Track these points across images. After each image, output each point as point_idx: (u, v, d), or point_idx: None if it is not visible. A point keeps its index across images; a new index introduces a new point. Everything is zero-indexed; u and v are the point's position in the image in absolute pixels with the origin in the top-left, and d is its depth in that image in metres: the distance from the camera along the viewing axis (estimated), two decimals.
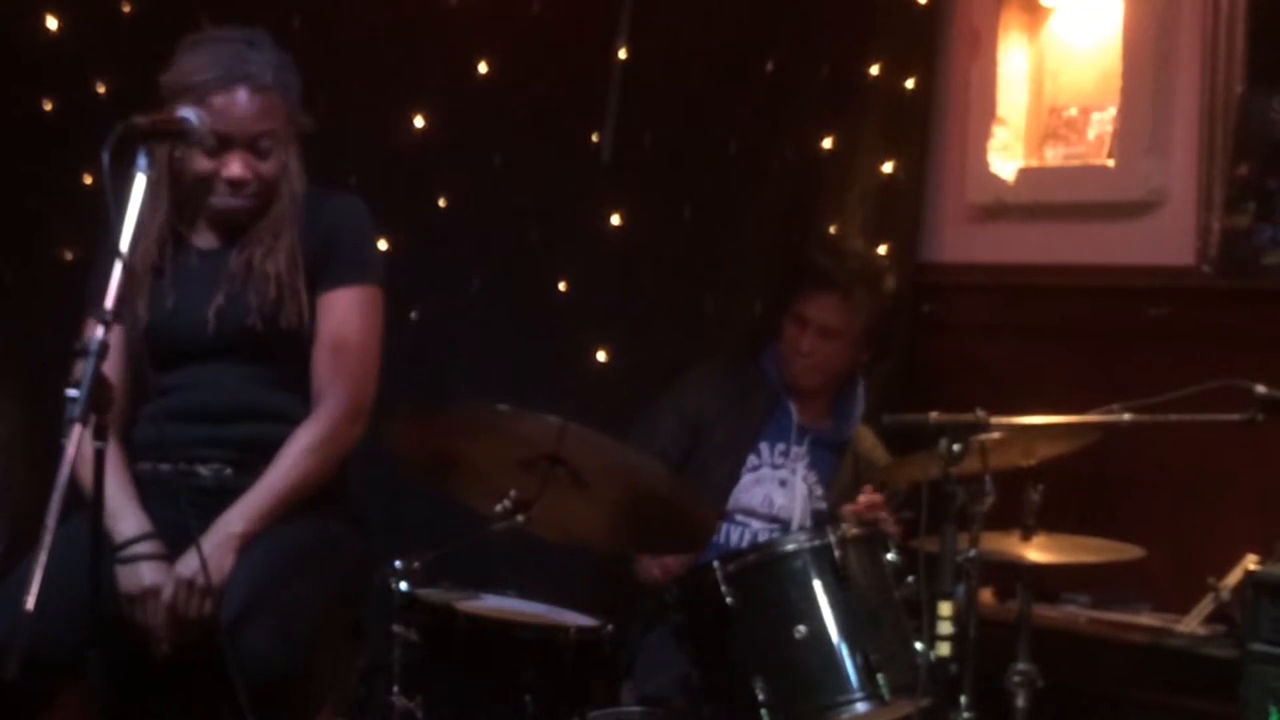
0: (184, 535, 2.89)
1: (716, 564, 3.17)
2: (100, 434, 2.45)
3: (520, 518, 3.07)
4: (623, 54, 4.61)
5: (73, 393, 2.37)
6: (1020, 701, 3.47)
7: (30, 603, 2.25)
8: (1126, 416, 3.12)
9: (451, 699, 3.07)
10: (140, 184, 2.55)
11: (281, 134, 3.12)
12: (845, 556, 3.15)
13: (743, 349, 4.23)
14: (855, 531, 3.23)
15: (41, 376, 3.20)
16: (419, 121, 4.64)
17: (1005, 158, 4.60)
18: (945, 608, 3.00)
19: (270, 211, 3.13)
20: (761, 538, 3.91)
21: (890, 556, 3.25)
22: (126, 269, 2.53)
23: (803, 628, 3.11)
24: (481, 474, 3.15)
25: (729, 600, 3.13)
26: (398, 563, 2.98)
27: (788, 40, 4.60)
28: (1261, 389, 3.06)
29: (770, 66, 4.60)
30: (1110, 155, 4.45)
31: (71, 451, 2.34)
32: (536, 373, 4.47)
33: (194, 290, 3.10)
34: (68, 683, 2.83)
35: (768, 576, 3.17)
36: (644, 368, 4.45)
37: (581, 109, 4.63)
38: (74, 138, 4.39)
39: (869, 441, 4.08)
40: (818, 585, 3.14)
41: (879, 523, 3.57)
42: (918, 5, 4.58)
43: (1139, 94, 4.34)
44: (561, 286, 4.64)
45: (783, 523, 3.94)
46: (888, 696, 3.07)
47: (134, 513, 2.98)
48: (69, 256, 4.46)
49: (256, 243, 3.11)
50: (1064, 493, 3.56)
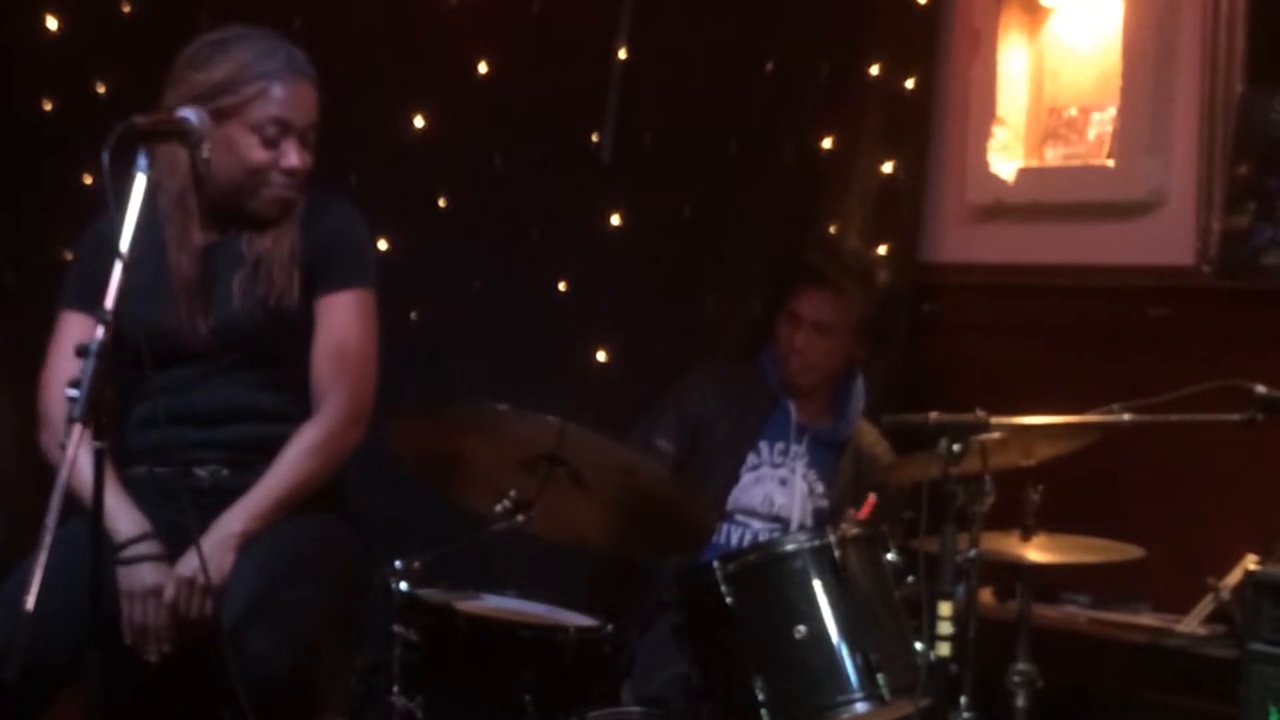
0: (182, 536, 2.88)
1: (716, 564, 3.17)
2: (100, 433, 2.44)
3: (520, 518, 3.07)
4: (623, 54, 4.61)
5: (73, 393, 2.37)
6: (1020, 701, 3.47)
7: (30, 603, 2.25)
8: (1126, 416, 3.12)
9: (451, 699, 3.07)
10: (140, 183, 2.55)
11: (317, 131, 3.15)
12: (845, 556, 3.15)
13: (742, 349, 4.24)
14: (855, 531, 3.24)
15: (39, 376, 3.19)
16: (419, 121, 4.64)
17: (1005, 158, 4.60)
18: (945, 608, 2.99)
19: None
20: (762, 538, 3.91)
21: (890, 556, 3.25)
22: (125, 269, 2.52)
23: (803, 628, 3.11)
24: (481, 474, 3.15)
25: (729, 600, 3.13)
26: (398, 563, 2.98)
27: (788, 40, 4.59)
28: (1261, 389, 3.06)
29: (770, 66, 4.60)
30: (1110, 155, 4.45)
31: (71, 451, 2.34)
32: (536, 373, 4.47)
33: (192, 288, 3.09)
34: (67, 685, 2.83)
35: (768, 576, 3.17)
36: (644, 368, 4.46)
37: (581, 109, 4.63)
38: (74, 138, 4.39)
39: (871, 437, 4.08)
40: (818, 585, 3.14)
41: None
42: (918, 5, 4.58)
43: (1139, 94, 4.34)
44: (561, 286, 4.64)
45: (783, 522, 3.94)
46: (888, 696, 3.07)
47: (132, 513, 2.98)
48: (69, 256, 4.44)
49: (261, 234, 3.11)
50: (1064, 493, 3.56)
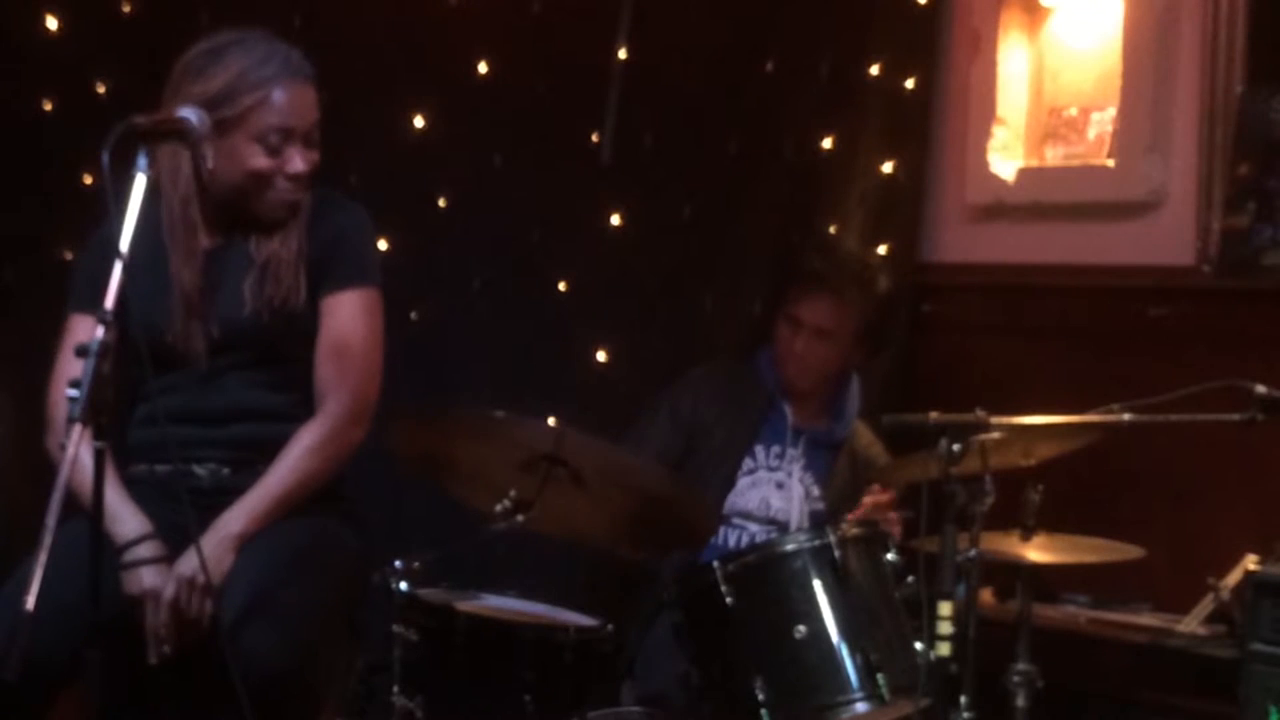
0: (183, 535, 2.88)
1: (716, 564, 3.17)
2: (100, 434, 2.44)
3: (520, 518, 3.07)
4: (623, 54, 4.61)
5: (73, 393, 2.37)
6: (1020, 701, 3.47)
7: (30, 603, 2.25)
8: (1126, 416, 3.12)
9: (451, 699, 3.07)
10: (140, 184, 2.54)
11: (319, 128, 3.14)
12: (845, 556, 3.15)
13: (741, 349, 4.23)
14: (855, 531, 3.23)
15: (42, 376, 3.19)
16: (419, 121, 4.64)
17: (1005, 158, 4.60)
18: (945, 608, 2.99)
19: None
20: (760, 540, 3.90)
21: (890, 556, 3.25)
22: (125, 269, 2.52)
23: (803, 628, 3.11)
24: (481, 474, 3.15)
25: (729, 600, 3.13)
26: (398, 563, 2.98)
27: (788, 40, 4.60)
28: (1261, 389, 3.06)
29: (770, 66, 4.60)
30: (1110, 155, 4.45)
31: (72, 451, 2.34)
32: (536, 373, 4.47)
33: (193, 301, 3.09)
34: (67, 685, 2.83)
35: (768, 576, 3.17)
36: (644, 368, 4.45)
37: (581, 109, 4.63)
38: (74, 138, 4.39)
39: (866, 438, 4.07)
40: (818, 585, 3.14)
41: (880, 522, 3.57)
42: (918, 5, 4.58)
43: (1139, 94, 4.34)
44: (561, 286, 4.64)
45: (780, 525, 3.93)
46: (888, 696, 3.07)
47: (133, 514, 2.97)
48: (69, 256, 4.45)
49: (268, 236, 3.11)
50: (1064, 493, 3.56)
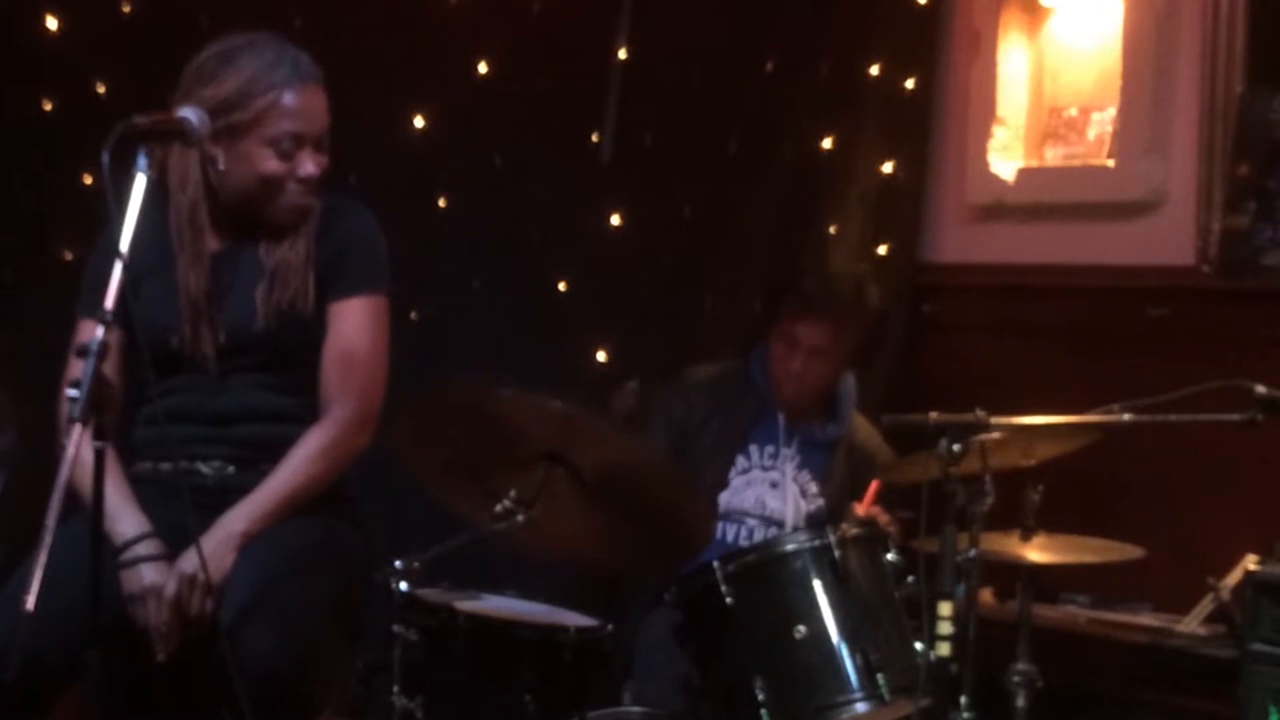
0: (185, 535, 2.88)
1: (716, 564, 3.17)
2: (100, 434, 2.44)
3: (520, 518, 3.07)
4: (623, 54, 4.61)
5: (73, 393, 2.37)
6: (1020, 701, 3.47)
7: (31, 603, 2.25)
8: (1126, 416, 3.12)
9: (451, 699, 3.07)
10: (140, 184, 2.54)
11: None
12: (845, 556, 3.15)
13: (729, 351, 4.23)
14: (855, 531, 3.23)
15: (41, 376, 3.19)
16: (419, 121, 4.64)
17: (1005, 158, 4.60)
18: (945, 608, 2.99)
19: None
20: (758, 534, 3.90)
21: (890, 556, 3.25)
22: (126, 269, 2.52)
23: (803, 628, 3.11)
24: (482, 473, 3.15)
25: (729, 600, 3.13)
26: (398, 563, 2.98)
27: (788, 40, 4.60)
28: (1261, 389, 3.06)
29: (770, 66, 4.60)
30: (1110, 155, 4.45)
31: (72, 451, 2.34)
32: (536, 373, 4.46)
33: (199, 307, 3.08)
34: (67, 685, 2.83)
35: (768, 576, 3.17)
36: (644, 368, 4.45)
37: (581, 109, 4.63)
38: (74, 138, 4.39)
39: (865, 431, 4.06)
40: (818, 585, 3.14)
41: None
42: (918, 5, 4.58)
43: (1139, 94, 4.34)
44: (561, 286, 4.64)
45: (776, 524, 3.93)
46: (888, 696, 3.07)
47: (133, 513, 2.97)
48: (69, 256, 4.45)
49: (278, 241, 3.11)
50: (1064, 493, 3.56)
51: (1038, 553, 3.44)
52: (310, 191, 3.10)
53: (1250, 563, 3.71)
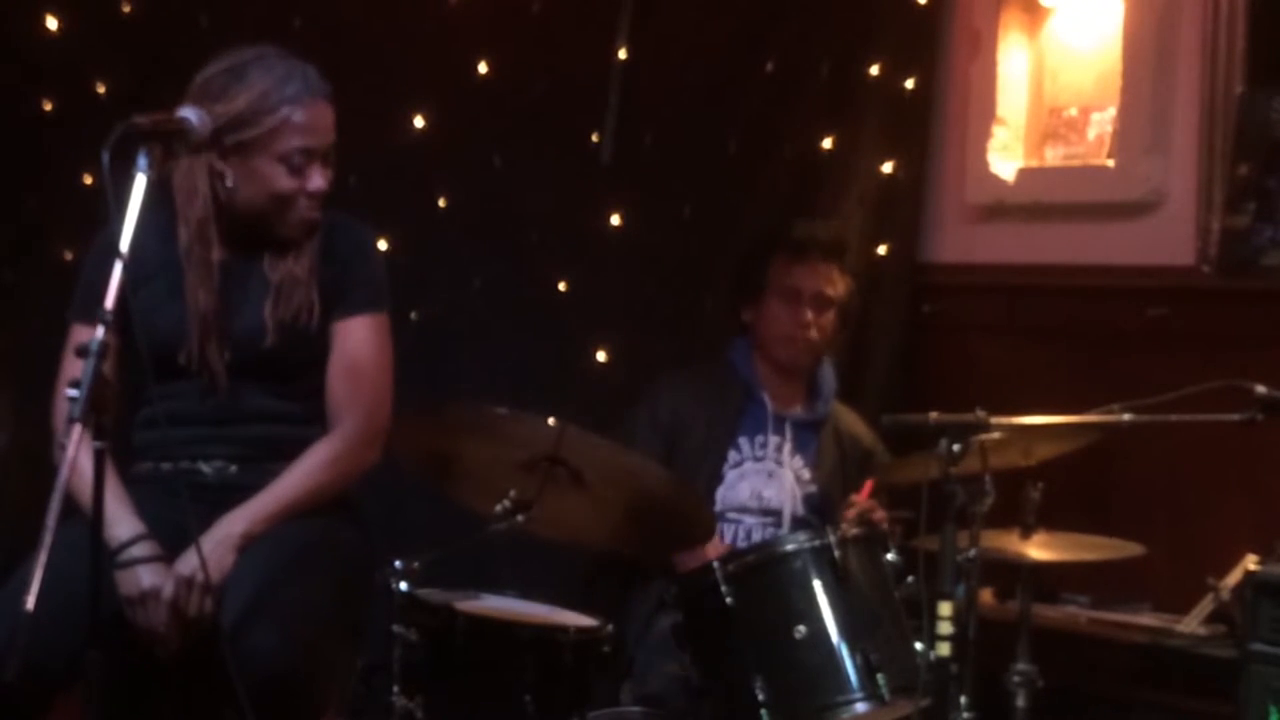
0: (185, 535, 2.88)
1: (716, 564, 3.17)
2: (100, 434, 2.44)
3: (520, 518, 3.07)
4: (623, 54, 4.61)
5: (72, 393, 2.37)
6: (1020, 701, 3.48)
7: (30, 603, 2.25)
8: (1126, 416, 3.12)
9: (451, 699, 3.07)
10: (140, 184, 2.54)
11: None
12: (845, 556, 3.15)
13: (705, 349, 4.22)
14: (855, 531, 3.24)
15: (41, 376, 3.19)
16: (419, 121, 4.64)
17: (1005, 158, 4.60)
18: (945, 608, 2.99)
19: None
20: (756, 533, 3.90)
21: (890, 556, 3.25)
22: (125, 270, 2.52)
23: (803, 628, 3.11)
24: (481, 474, 3.15)
25: (729, 600, 3.13)
26: (398, 563, 2.98)
27: (788, 40, 4.60)
28: (1261, 389, 3.06)
29: (770, 66, 4.60)
30: (1110, 155, 4.45)
31: (72, 451, 2.34)
32: (536, 373, 4.47)
33: (208, 321, 3.08)
34: (66, 686, 2.82)
35: (768, 576, 3.18)
36: (644, 368, 4.44)
37: (581, 109, 4.63)
38: (74, 138, 4.39)
39: (849, 418, 4.04)
40: (818, 585, 3.14)
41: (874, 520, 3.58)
42: (918, 5, 4.58)
43: (1139, 94, 4.34)
44: (561, 286, 4.64)
45: (775, 514, 3.92)
46: (888, 696, 3.07)
47: (127, 516, 2.96)
48: (69, 256, 4.45)
49: (282, 255, 3.10)
50: (1064, 493, 3.56)
51: (1038, 552, 3.44)
52: (318, 206, 3.11)
53: (1250, 563, 3.71)
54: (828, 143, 4.59)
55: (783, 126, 4.62)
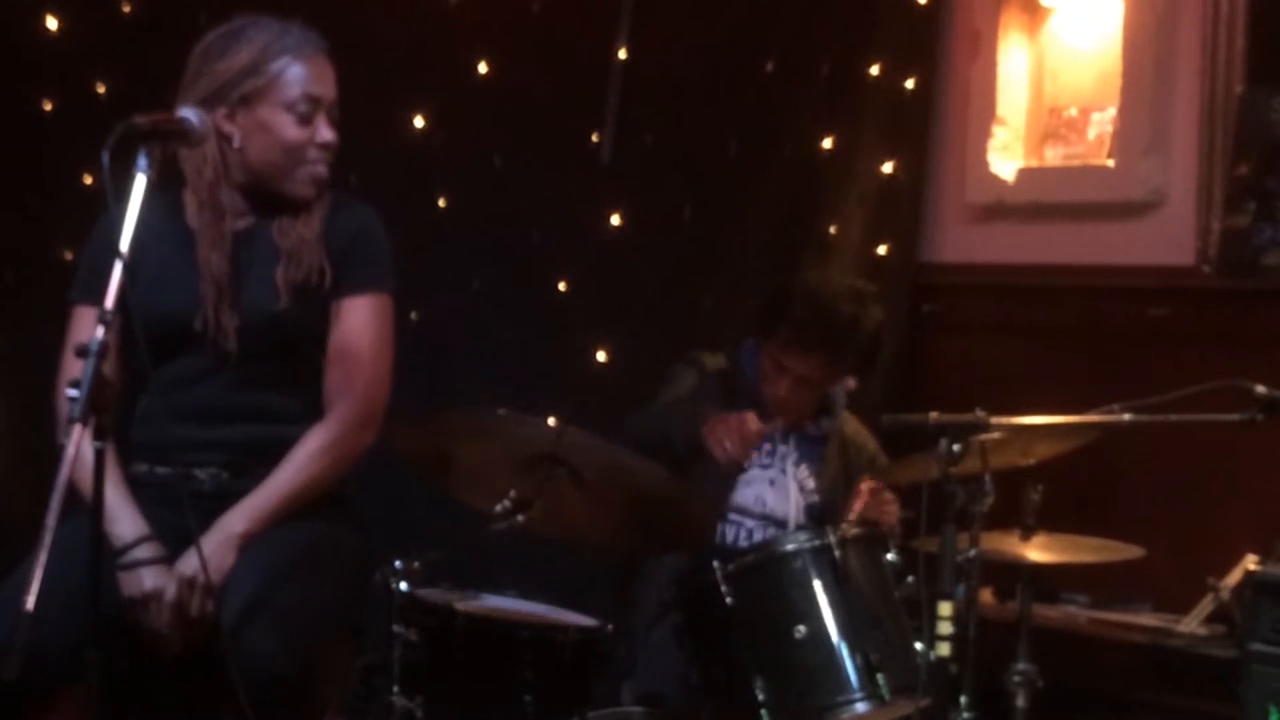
0: (184, 537, 2.88)
1: (716, 564, 3.17)
2: (100, 434, 2.44)
3: (520, 518, 3.07)
4: (623, 54, 4.61)
5: (73, 392, 2.37)
6: (1020, 701, 3.47)
7: (30, 603, 2.25)
8: (1126, 416, 3.12)
9: (451, 699, 3.07)
10: (140, 184, 2.54)
11: None
12: (845, 556, 3.15)
13: (705, 349, 4.20)
14: (855, 531, 3.23)
15: (41, 376, 3.19)
16: (419, 121, 4.65)
17: (1005, 158, 4.60)
18: (945, 608, 2.99)
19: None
20: (758, 534, 3.89)
21: (890, 556, 3.25)
22: (125, 269, 2.51)
23: (803, 628, 3.11)
24: (481, 474, 3.15)
25: (729, 600, 3.13)
26: (398, 563, 2.98)
27: (788, 40, 4.60)
28: (1261, 389, 3.06)
29: (770, 66, 4.60)
30: (1110, 155, 4.45)
31: (72, 451, 2.34)
32: (536, 373, 4.47)
33: (221, 285, 3.07)
34: (67, 684, 2.82)
35: (768, 576, 3.17)
36: (644, 368, 4.45)
37: (581, 109, 4.63)
38: (74, 138, 4.39)
39: (853, 426, 3.99)
40: (818, 585, 3.14)
41: (883, 511, 3.56)
42: (918, 5, 4.58)
43: (1139, 94, 4.34)
44: (561, 286, 4.64)
45: (776, 522, 3.91)
46: (888, 696, 3.07)
47: (131, 515, 2.96)
48: (69, 256, 4.45)
49: (291, 221, 3.10)
50: (1064, 493, 3.56)
51: (1038, 552, 3.44)
52: (326, 162, 3.11)
53: (1250, 563, 3.71)
54: (828, 143, 4.59)
55: (783, 126, 4.62)
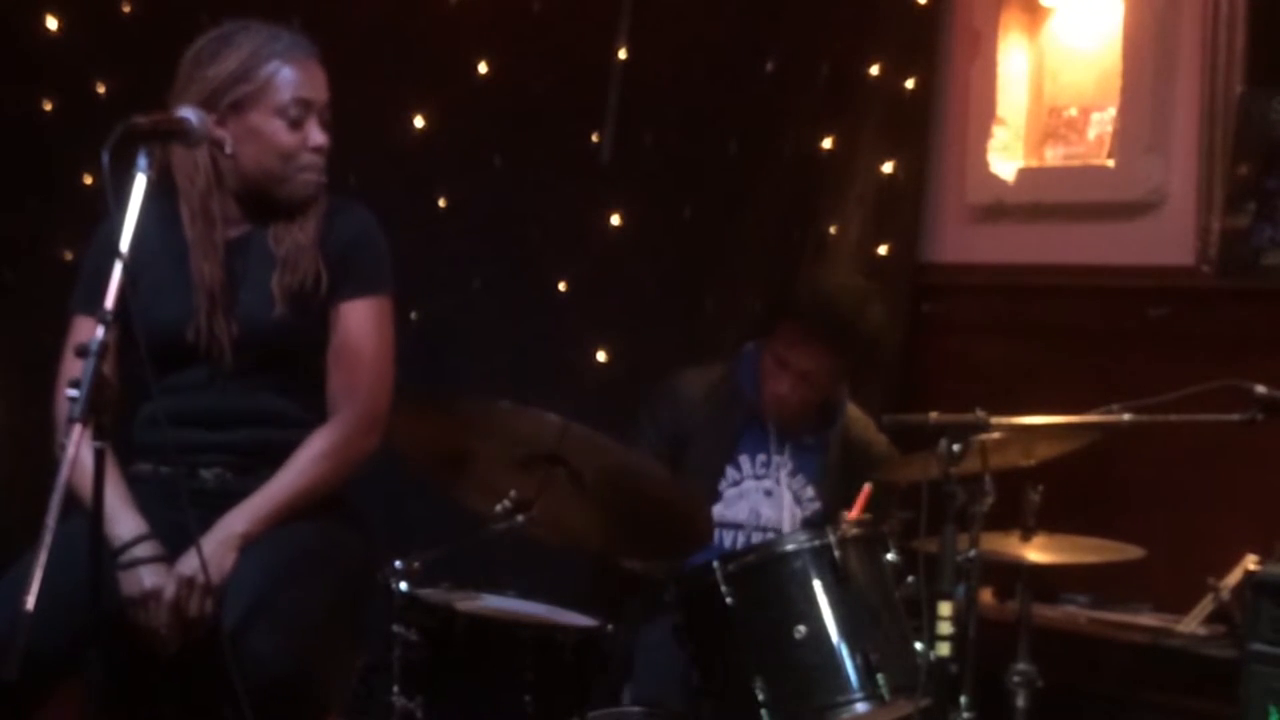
0: (185, 536, 2.88)
1: (716, 564, 3.17)
2: (100, 434, 2.44)
3: (520, 518, 3.07)
4: (623, 54, 4.61)
5: (73, 393, 2.37)
6: (1020, 701, 3.47)
7: (30, 602, 2.25)
8: (1126, 416, 3.12)
9: (451, 699, 3.07)
10: (140, 184, 2.54)
11: None
12: (845, 556, 3.15)
13: (705, 349, 4.20)
14: (855, 531, 3.23)
15: (41, 376, 3.19)
16: (419, 121, 4.65)
17: (1005, 158, 4.60)
18: (945, 608, 2.99)
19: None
20: (756, 540, 3.89)
21: (890, 556, 3.24)
22: (126, 270, 2.52)
23: (803, 628, 3.11)
24: (482, 474, 3.15)
25: (729, 600, 3.13)
26: (398, 563, 2.98)
27: (788, 40, 4.60)
28: (1261, 389, 3.06)
29: (770, 66, 4.60)
30: (1110, 155, 4.45)
31: (72, 451, 2.34)
32: (536, 373, 4.47)
33: (215, 294, 3.07)
34: (66, 683, 2.82)
35: (768, 576, 3.17)
36: (644, 368, 4.45)
37: (581, 109, 4.63)
38: (74, 138, 4.39)
39: (860, 425, 3.97)
40: (818, 585, 3.14)
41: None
42: (918, 5, 4.58)
43: (1139, 94, 4.34)
44: (561, 286, 4.64)
45: (772, 533, 3.90)
46: (888, 696, 3.07)
47: (130, 515, 2.97)
48: (69, 256, 4.45)
49: (286, 228, 3.09)
50: (1064, 493, 3.56)
51: (1038, 553, 3.44)
52: (320, 167, 3.10)
53: (1250, 563, 3.71)
54: (828, 143, 4.59)
55: (783, 126, 4.62)
